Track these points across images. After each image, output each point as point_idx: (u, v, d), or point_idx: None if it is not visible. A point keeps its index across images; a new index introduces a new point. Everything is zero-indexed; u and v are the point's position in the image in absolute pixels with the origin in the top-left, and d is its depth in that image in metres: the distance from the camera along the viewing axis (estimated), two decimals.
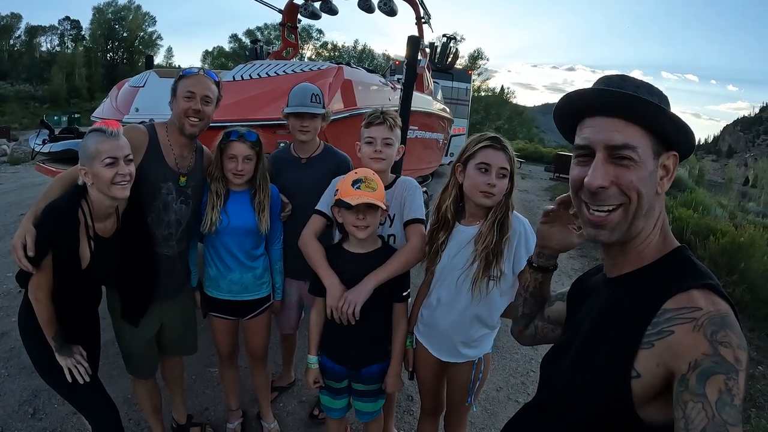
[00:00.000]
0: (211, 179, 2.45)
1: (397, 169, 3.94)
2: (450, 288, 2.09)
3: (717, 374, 0.80)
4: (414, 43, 4.29)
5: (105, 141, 1.89)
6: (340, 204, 2.03)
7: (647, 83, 1.03)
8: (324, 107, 2.74)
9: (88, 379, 2.03)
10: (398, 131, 2.35)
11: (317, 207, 2.39)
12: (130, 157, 1.97)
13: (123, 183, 1.92)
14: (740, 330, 0.87)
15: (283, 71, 3.77)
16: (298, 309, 2.99)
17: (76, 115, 41.90)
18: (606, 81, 1.05)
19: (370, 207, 2.01)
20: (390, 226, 2.38)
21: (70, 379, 2.00)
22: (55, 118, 40.22)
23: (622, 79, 1.03)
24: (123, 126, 2.07)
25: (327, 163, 2.75)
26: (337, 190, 2.09)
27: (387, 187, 2.33)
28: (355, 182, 2.01)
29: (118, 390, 3.19)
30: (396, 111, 4.23)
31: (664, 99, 1.02)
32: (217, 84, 2.34)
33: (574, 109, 1.08)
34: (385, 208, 2.06)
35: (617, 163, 0.99)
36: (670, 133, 1.00)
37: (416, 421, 2.92)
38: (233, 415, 3.00)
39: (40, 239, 1.85)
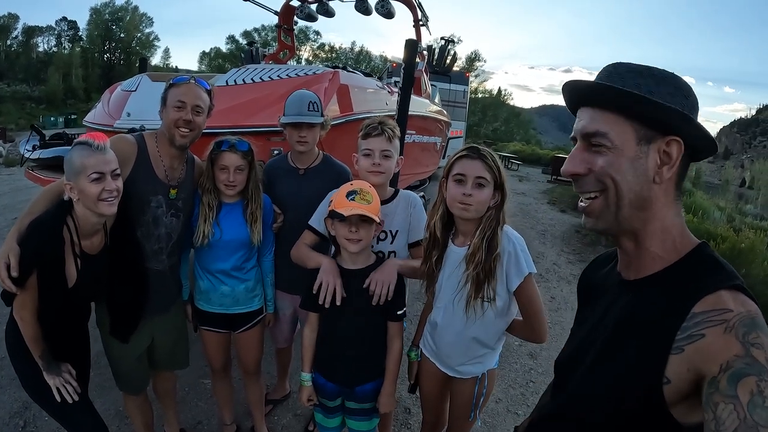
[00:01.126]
0: (202, 191, 2.39)
1: (394, 177, 3.89)
2: (447, 309, 2.03)
3: (749, 376, 0.78)
4: (411, 47, 4.23)
5: (91, 155, 1.82)
6: (333, 215, 1.98)
7: (660, 73, 1.01)
8: (322, 115, 2.66)
9: (77, 398, 1.98)
10: (397, 142, 2.28)
11: (310, 222, 2.35)
12: (118, 171, 1.91)
13: (110, 199, 1.86)
14: None
15: (278, 76, 3.69)
16: (292, 323, 2.93)
17: (72, 116, 42.14)
18: (611, 69, 1.05)
19: (364, 220, 1.97)
20: (391, 243, 2.33)
21: (58, 399, 1.95)
22: (52, 119, 40.51)
23: (629, 69, 1.02)
24: (111, 136, 2.01)
25: (326, 175, 2.66)
26: (331, 201, 2.04)
27: (387, 201, 2.29)
28: (349, 194, 1.97)
29: (109, 402, 3.16)
30: (393, 115, 4.19)
31: (680, 88, 0.99)
32: (209, 93, 2.28)
33: (571, 101, 1.12)
34: (378, 221, 2.01)
35: (592, 150, 1.03)
36: (663, 118, 0.97)
37: None
38: (227, 430, 2.96)
39: (24, 258, 1.79)
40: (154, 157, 2.23)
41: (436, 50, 15.36)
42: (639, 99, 0.96)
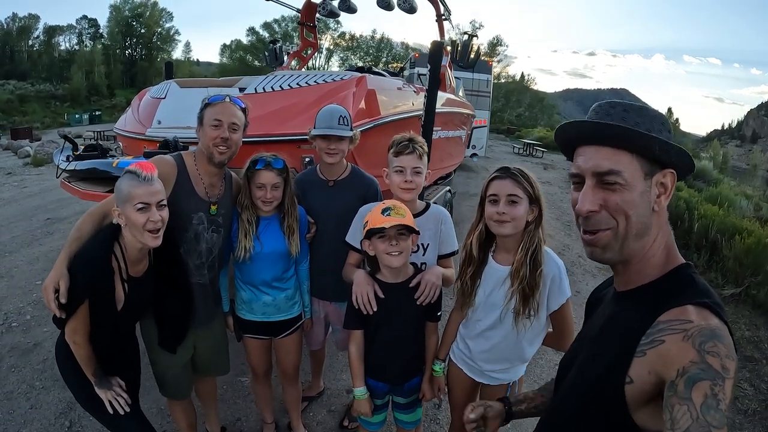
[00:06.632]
0: (241, 209, 2.46)
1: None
2: (490, 324, 2.10)
3: (703, 380, 0.84)
4: (436, 50, 4.21)
5: (138, 186, 1.89)
6: (371, 233, 2.05)
7: (638, 106, 1.08)
8: (351, 129, 2.71)
9: (128, 410, 2.06)
10: (426, 158, 2.35)
11: (347, 239, 2.48)
12: (163, 202, 1.97)
13: (155, 232, 1.93)
14: (732, 344, 0.91)
15: (306, 82, 3.73)
16: (324, 326, 3.02)
17: (96, 113, 42.73)
18: (597, 109, 1.12)
19: (401, 234, 2.04)
20: (423, 255, 2.40)
21: (111, 411, 2.03)
22: (77, 116, 41.08)
23: (611, 105, 1.10)
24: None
25: (355, 187, 2.74)
26: (366, 222, 2.11)
27: (417, 215, 2.35)
28: (384, 210, 2.04)
29: (150, 401, 3.25)
30: (420, 116, 4.23)
31: (656, 119, 1.07)
32: (244, 110, 2.34)
33: (567, 140, 1.16)
34: (417, 230, 2.09)
35: (605, 188, 1.06)
36: (661, 154, 1.04)
37: (442, 430, 2.94)
38: (267, 428, 3.07)
39: (75, 289, 1.86)
40: (194, 176, 2.30)
41: (459, 45, 15.23)
42: (650, 138, 1.02)
